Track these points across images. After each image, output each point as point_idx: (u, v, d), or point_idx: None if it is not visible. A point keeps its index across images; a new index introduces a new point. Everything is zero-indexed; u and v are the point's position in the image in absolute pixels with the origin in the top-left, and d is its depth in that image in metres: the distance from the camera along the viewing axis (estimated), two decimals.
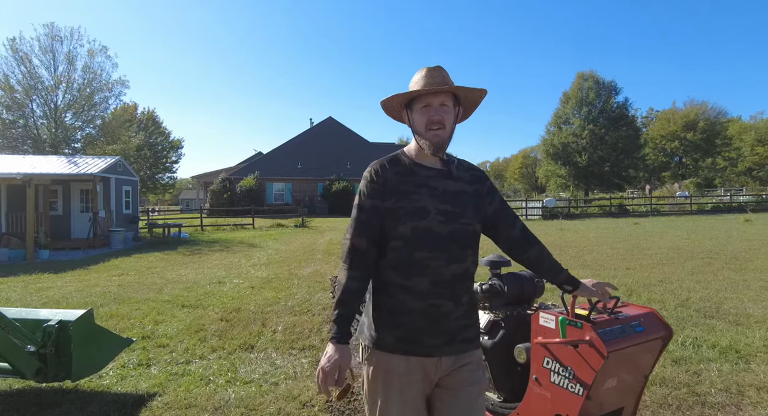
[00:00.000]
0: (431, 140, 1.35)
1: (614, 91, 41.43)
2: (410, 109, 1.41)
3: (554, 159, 41.98)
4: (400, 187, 1.35)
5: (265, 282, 6.92)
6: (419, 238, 1.31)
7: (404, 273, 1.31)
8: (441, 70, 1.38)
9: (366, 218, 1.34)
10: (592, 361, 1.40)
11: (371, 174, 1.38)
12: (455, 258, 1.33)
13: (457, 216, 1.35)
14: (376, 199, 1.35)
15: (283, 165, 31.67)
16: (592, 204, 27.34)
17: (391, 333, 1.32)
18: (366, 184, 1.39)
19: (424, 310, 1.31)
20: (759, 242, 10.38)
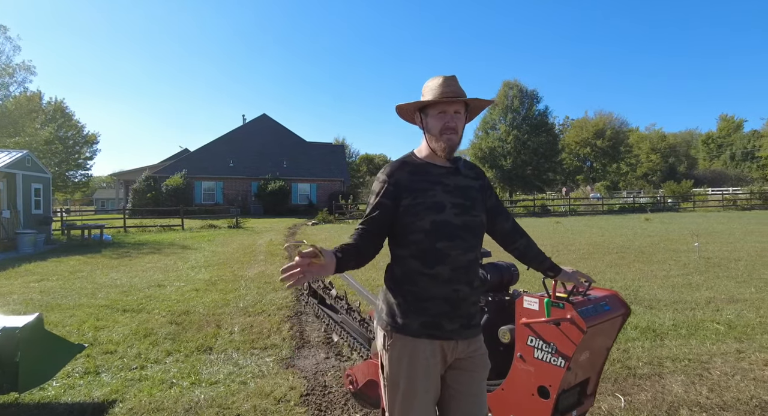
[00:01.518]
0: (446, 143, 1.47)
1: (536, 100, 44.56)
2: (424, 114, 1.52)
3: (482, 162, 44.20)
4: (415, 185, 1.46)
5: (209, 284, 6.67)
6: (439, 230, 1.43)
7: (427, 262, 1.43)
8: (455, 79, 1.51)
9: (375, 214, 1.46)
10: (573, 336, 1.63)
11: (387, 174, 1.50)
12: (469, 246, 1.48)
13: (469, 209, 1.49)
14: (386, 197, 1.46)
15: (214, 163, 30.22)
16: (518, 204, 29.26)
17: (416, 319, 1.43)
18: (378, 184, 1.50)
19: (446, 295, 1.43)
20: (658, 238, 11.83)
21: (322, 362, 3.57)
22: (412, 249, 1.45)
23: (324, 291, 3.23)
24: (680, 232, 12.97)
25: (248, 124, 34.82)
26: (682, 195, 29.47)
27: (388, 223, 1.47)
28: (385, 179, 1.48)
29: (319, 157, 33.27)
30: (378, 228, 1.45)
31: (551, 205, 28.54)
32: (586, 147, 53.42)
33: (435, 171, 1.51)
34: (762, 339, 3.87)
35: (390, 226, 1.48)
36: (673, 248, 9.62)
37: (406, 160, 1.54)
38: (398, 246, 1.49)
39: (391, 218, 1.46)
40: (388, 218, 1.46)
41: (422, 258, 1.44)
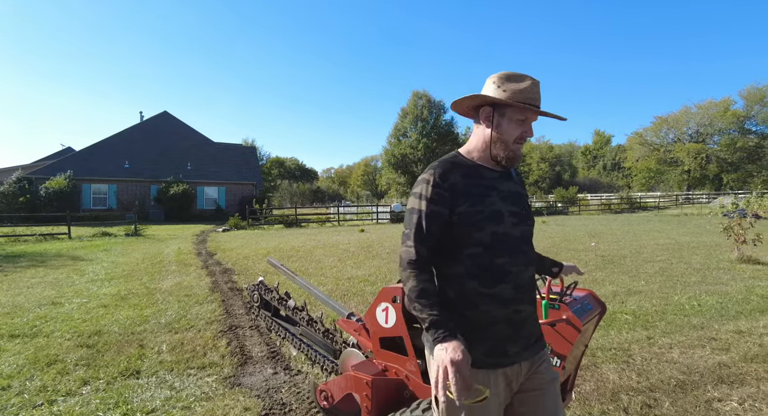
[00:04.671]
0: (514, 152, 1.34)
1: (443, 110, 47.01)
2: (499, 113, 1.33)
3: (395, 168, 45.48)
4: (471, 190, 1.29)
5: (118, 299, 5.89)
6: (499, 243, 1.27)
7: (487, 281, 1.27)
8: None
9: (427, 225, 1.26)
10: (569, 336, 1.71)
11: (436, 177, 1.29)
12: (529, 260, 1.34)
13: (524, 218, 1.36)
14: (440, 205, 1.27)
15: (106, 163, 27.00)
16: None
17: (479, 348, 1.26)
18: (428, 187, 1.28)
19: (508, 318, 1.28)
20: (558, 239, 13.14)
21: (271, 378, 3.34)
22: (468, 266, 1.27)
23: (279, 302, 3.02)
24: (575, 234, 14.53)
25: (146, 121, 31.77)
26: (570, 200, 33.12)
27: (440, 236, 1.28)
28: (437, 182, 1.28)
29: (229, 158, 31.48)
30: (433, 244, 1.26)
31: None
32: None
33: (488, 175, 1.35)
34: (661, 325, 4.45)
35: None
36: (572, 248, 10.72)
37: (455, 160, 1.35)
38: (448, 264, 1.31)
39: (444, 230, 1.28)
40: (442, 230, 1.27)
41: (481, 276, 1.27)
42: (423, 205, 1.28)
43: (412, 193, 1.35)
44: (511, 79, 1.33)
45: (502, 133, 1.33)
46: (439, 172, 1.30)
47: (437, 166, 1.32)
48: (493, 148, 1.35)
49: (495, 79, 1.35)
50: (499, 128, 1.33)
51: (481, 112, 1.37)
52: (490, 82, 1.36)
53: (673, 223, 18.00)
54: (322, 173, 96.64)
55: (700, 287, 6.01)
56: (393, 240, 13.44)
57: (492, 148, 1.35)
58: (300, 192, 66.36)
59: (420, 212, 1.28)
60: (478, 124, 1.39)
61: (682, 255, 8.89)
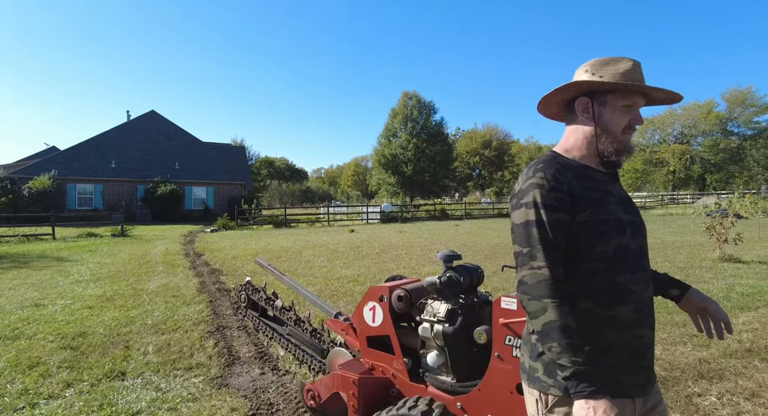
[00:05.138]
0: (624, 144, 1.16)
1: (433, 111, 47.16)
2: (599, 101, 1.18)
3: (385, 168, 45.47)
4: (589, 194, 1.12)
5: (104, 300, 5.82)
6: (621, 258, 1.10)
7: (605, 302, 1.10)
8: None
9: (554, 238, 1.07)
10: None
11: (550, 179, 1.11)
12: (649, 277, 1.17)
13: (640, 227, 1.18)
14: (562, 212, 1.08)
15: (91, 163, 26.60)
16: (420, 209, 30.60)
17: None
18: (543, 192, 1.09)
19: (627, 344, 1.11)
20: None
21: (258, 378, 3.33)
22: (583, 283, 1.10)
23: (267, 302, 3.02)
24: None
25: (134, 120, 31.36)
26: None
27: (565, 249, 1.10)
28: (554, 185, 1.09)
29: (217, 158, 31.22)
30: (561, 259, 1.08)
31: (449, 210, 30.37)
32: (475, 156, 58.08)
33: (598, 177, 1.18)
34: None
35: None
36: None
37: (560, 160, 1.18)
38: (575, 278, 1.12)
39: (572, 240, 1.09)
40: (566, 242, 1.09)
41: (597, 296, 1.10)
42: (542, 214, 1.08)
43: (518, 204, 1.14)
44: (606, 63, 1.17)
45: (606, 124, 1.17)
46: (552, 173, 1.12)
47: (544, 167, 1.14)
48: (598, 144, 1.17)
49: (587, 67, 1.19)
50: (601, 119, 1.17)
51: (577, 106, 1.20)
52: (581, 71, 1.21)
53: (659, 223, 18.29)
54: (312, 173, 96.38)
55: None
56: (382, 240, 13.46)
57: (597, 143, 1.17)
58: (290, 192, 66.05)
59: (541, 224, 1.08)
60: (573, 121, 1.23)
61: (666, 254, 9.04)
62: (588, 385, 1.00)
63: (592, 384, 0.99)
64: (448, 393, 2.06)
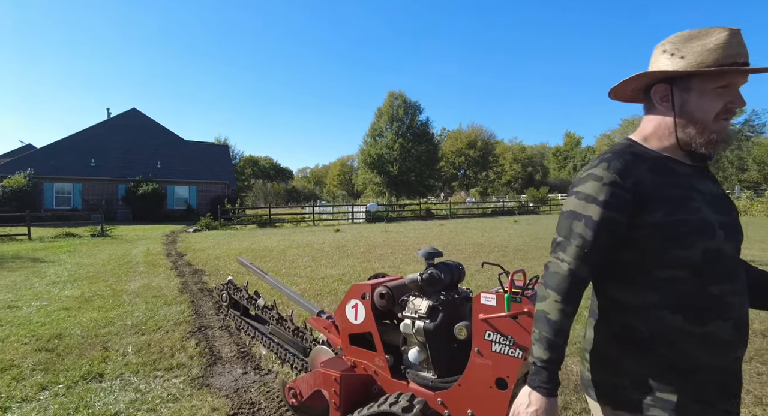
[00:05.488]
0: (719, 133, 0.99)
1: (418, 111, 47.35)
2: (681, 87, 1.01)
3: (371, 168, 45.49)
4: (667, 190, 0.98)
5: (82, 301, 5.69)
6: (712, 265, 0.96)
7: (698, 317, 0.96)
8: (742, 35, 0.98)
9: (595, 238, 0.98)
10: (530, 327, 1.77)
11: (613, 172, 0.99)
12: (745, 287, 1.02)
13: (736, 230, 1.03)
14: (617, 211, 0.98)
15: (70, 162, 25.96)
16: (405, 208, 30.69)
17: (673, 395, 0.99)
18: (600, 186, 0.99)
19: (724, 366, 0.98)
20: (529, 237, 13.45)
21: (241, 378, 3.30)
22: (667, 294, 0.97)
23: (249, 301, 2.99)
24: (545, 232, 14.90)
25: (114, 118, 30.71)
26: (541, 199, 33.91)
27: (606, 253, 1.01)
28: (615, 180, 0.98)
29: (200, 157, 30.81)
30: (597, 262, 1.00)
31: (434, 209, 30.53)
32: (460, 156, 58.51)
33: (682, 170, 1.03)
34: None
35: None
36: (543, 246, 11.00)
37: (635, 150, 1.05)
38: (634, 290, 1.01)
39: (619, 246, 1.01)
40: (611, 244, 1.00)
41: (687, 309, 0.96)
42: (592, 209, 1.00)
43: (573, 191, 1.06)
44: (692, 38, 0.99)
45: (692, 112, 1.01)
46: (618, 166, 0.99)
47: (612, 157, 1.02)
48: (681, 133, 1.02)
49: (666, 46, 1.03)
50: (686, 107, 1.01)
51: (653, 94, 1.06)
52: (659, 51, 1.05)
53: None
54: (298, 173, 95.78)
55: None
56: (368, 239, 13.47)
57: (680, 132, 1.02)
58: (274, 191, 65.53)
59: (587, 219, 1.00)
60: (651, 110, 1.08)
61: None
62: (544, 381, 1.01)
63: (548, 383, 1.01)
64: (429, 388, 2.08)
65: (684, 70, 0.99)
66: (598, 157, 1.07)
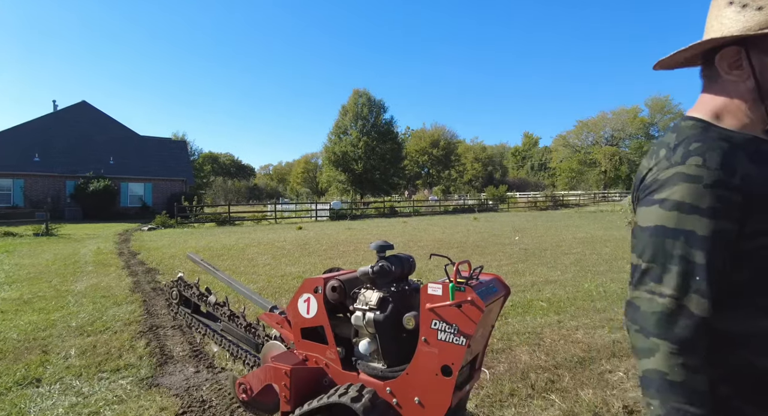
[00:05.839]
0: None
1: (383, 109, 47.48)
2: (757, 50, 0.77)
3: (335, 165, 45.24)
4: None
5: (21, 303, 5.36)
6: None
7: None
8: None
9: (710, 259, 0.70)
10: (473, 316, 1.83)
11: (713, 167, 0.73)
12: None
13: None
14: (729, 219, 0.71)
15: (9, 156, 24.25)
16: (369, 206, 30.73)
17: None
18: (702, 189, 0.72)
19: None
20: (487, 234, 13.82)
21: (192, 377, 3.23)
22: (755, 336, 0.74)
23: (200, 298, 2.93)
24: (502, 229, 15.36)
25: (61, 111, 28.98)
26: (500, 198, 34.86)
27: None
28: (720, 178, 0.72)
29: (156, 153, 29.61)
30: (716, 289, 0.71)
31: (398, 207, 30.76)
32: (424, 155, 59.23)
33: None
34: (571, 310, 4.85)
35: None
36: (499, 242, 11.34)
37: (722, 133, 0.78)
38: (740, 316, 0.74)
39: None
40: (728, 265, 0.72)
41: None
42: (695, 221, 0.72)
43: (653, 199, 0.78)
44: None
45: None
46: (717, 158, 0.74)
47: (704, 148, 0.76)
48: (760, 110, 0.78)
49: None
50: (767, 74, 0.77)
51: (719, 60, 0.81)
52: (722, 2, 0.80)
53: (590, 219, 19.60)
54: (260, 170, 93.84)
55: (606, 275, 6.62)
56: (331, 237, 13.41)
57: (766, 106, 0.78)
58: (235, 189, 63.92)
59: (687, 235, 0.72)
60: (715, 82, 0.84)
61: (594, 248, 9.73)
62: None
63: None
64: (378, 378, 2.11)
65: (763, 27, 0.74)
66: (677, 145, 0.79)
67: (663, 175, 0.77)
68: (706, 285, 0.70)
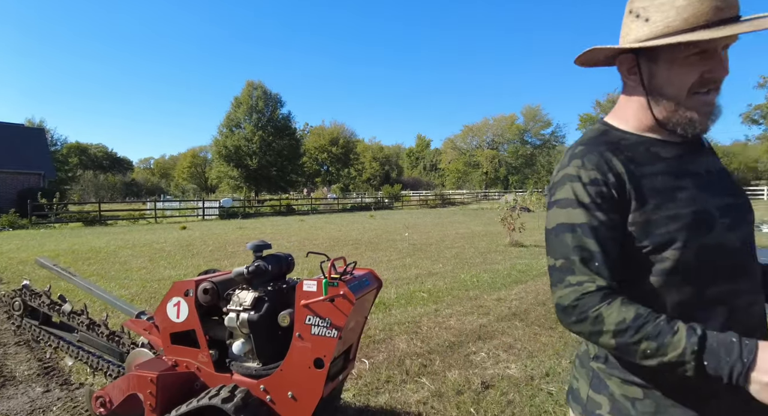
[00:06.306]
0: (698, 111, 0.82)
1: (279, 103, 46.10)
2: (645, 58, 0.84)
3: (227, 160, 42.77)
4: (654, 182, 0.83)
5: None
6: (709, 264, 0.80)
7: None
8: None
9: (602, 245, 0.80)
10: (344, 308, 1.95)
11: (589, 168, 0.83)
12: (758, 284, 0.85)
13: (744, 212, 0.86)
14: (610, 212, 0.81)
15: None
16: (264, 204, 29.67)
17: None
18: (580, 187, 0.83)
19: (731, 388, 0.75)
20: (381, 231, 14.31)
21: (40, 397, 2.87)
22: (656, 300, 0.82)
23: (51, 307, 2.61)
24: (395, 226, 16.03)
25: None
26: (395, 196, 36.23)
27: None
28: (594, 177, 0.82)
29: (4, 142, 25.02)
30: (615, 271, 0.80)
31: (295, 205, 30.21)
32: (323, 153, 59.01)
33: (667, 152, 0.86)
34: (447, 299, 5.30)
35: None
36: (391, 238, 11.83)
37: (609, 138, 0.88)
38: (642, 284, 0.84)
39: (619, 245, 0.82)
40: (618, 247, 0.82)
41: (681, 317, 0.77)
42: (580, 215, 0.82)
43: (550, 202, 0.88)
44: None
45: (661, 86, 0.84)
46: (594, 160, 0.84)
47: (583, 151, 0.86)
48: (656, 112, 0.85)
49: (634, 4, 0.84)
50: (653, 82, 0.84)
51: (619, 66, 0.89)
52: (627, 11, 0.86)
53: (473, 216, 21.40)
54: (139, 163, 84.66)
55: (481, 266, 7.34)
56: (219, 237, 12.71)
57: (654, 111, 0.85)
58: (109, 185, 56.81)
59: (580, 228, 0.81)
60: (624, 85, 0.92)
61: (473, 242, 10.69)
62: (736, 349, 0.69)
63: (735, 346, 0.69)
64: (252, 377, 2.13)
65: (647, 38, 0.80)
66: (568, 152, 0.90)
67: (556, 178, 0.88)
68: (605, 267, 0.79)
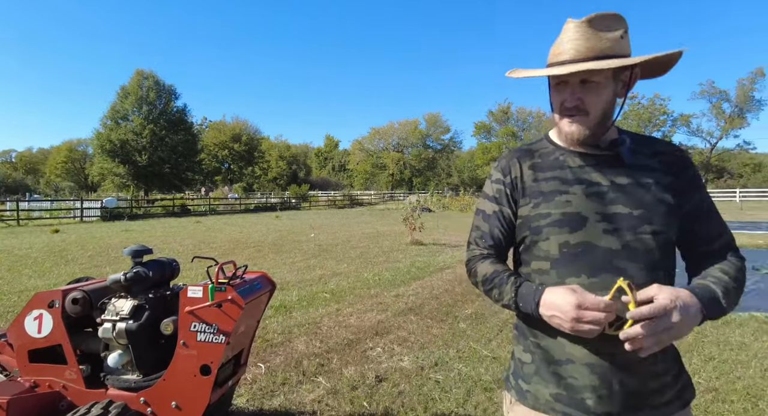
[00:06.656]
0: (563, 129, 1.02)
1: (174, 96, 42.58)
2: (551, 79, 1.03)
3: (111, 156, 38.35)
4: (540, 185, 1.04)
5: None
6: (571, 258, 0.97)
7: None
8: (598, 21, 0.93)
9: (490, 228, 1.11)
10: (233, 313, 1.92)
11: (498, 169, 1.12)
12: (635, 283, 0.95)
13: (637, 222, 0.96)
14: (501, 204, 1.10)
15: None
16: (155, 204, 27.21)
17: (546, 387, 1.01)
18: (489, 184, 1.14)
19: (592, 361, 0.95)
20: (286, 232, 14.02)
21: None
22: (536, 280, 1.04)
23: None
24: (301, 227, 15.80)
25: None
26: (303, 196, 35.66)
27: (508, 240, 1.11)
28: (498, 177, 1.11)
29: None
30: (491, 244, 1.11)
31: (191, 205, 28.19)
32: (224, 149, 55.75)
33: (575, 162, 1.04)
34: (349, 298, 5.41)
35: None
36: (297, 239, 11.66)
37: (532, 146, 1.13)
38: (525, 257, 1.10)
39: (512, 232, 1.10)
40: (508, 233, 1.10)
41: None
42: (484, 204, 1.14)
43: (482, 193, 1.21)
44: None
45: (551, 106, 1.05)
46: (504, 163, 1.12)
47: (503, 156, 1.15)
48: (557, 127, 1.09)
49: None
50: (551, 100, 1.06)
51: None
52: None
53: (379, 216, 21.93)
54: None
55: (383, 265, 7.59)
56: (100, 241, 11.39)
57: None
58: None
59: (480, 213, 1.15)
60: None
61: (377, 241, 10.98)
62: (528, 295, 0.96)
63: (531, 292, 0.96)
64: (131, 390, 2.00)
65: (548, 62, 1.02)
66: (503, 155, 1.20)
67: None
68: (490, 243, 1.11)
